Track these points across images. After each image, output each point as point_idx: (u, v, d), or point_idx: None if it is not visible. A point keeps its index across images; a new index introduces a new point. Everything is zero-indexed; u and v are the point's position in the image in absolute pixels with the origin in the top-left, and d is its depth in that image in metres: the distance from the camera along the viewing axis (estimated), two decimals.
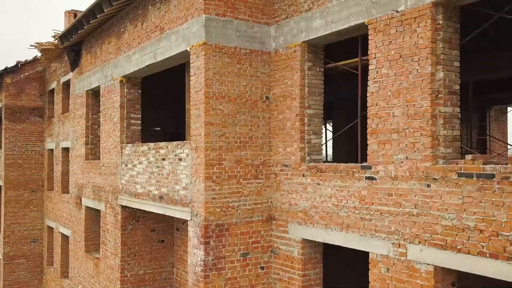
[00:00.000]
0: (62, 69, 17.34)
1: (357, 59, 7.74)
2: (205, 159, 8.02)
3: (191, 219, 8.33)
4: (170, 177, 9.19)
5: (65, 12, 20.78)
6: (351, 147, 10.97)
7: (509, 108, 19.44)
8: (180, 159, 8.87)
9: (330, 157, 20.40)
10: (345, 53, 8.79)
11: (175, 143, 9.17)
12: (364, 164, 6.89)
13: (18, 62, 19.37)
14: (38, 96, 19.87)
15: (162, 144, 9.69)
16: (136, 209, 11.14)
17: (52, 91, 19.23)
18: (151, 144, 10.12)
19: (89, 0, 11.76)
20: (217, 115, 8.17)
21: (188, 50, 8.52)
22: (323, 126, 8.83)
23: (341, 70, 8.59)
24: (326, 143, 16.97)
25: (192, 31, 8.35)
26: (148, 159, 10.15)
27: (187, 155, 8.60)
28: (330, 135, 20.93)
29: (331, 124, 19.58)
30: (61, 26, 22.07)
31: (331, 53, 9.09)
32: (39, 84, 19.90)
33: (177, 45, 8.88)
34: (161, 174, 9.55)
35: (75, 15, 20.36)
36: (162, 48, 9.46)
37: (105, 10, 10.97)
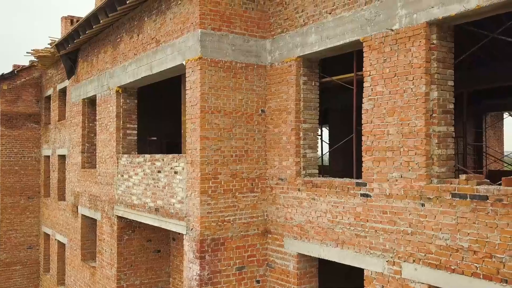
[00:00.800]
0: (59, 76, 17.32)
1: (352, 74, 7.75)
2: (200, 173, 8.02)
3: (187, 233, 8.33)
4: (166, 190, 9.19)
5: (61, 18, 20.76)
6: (348, 153, 10.95)
7: (505, 114, 19.49)
8: (175, 172, 8.87)
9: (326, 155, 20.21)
10: (341, 65, 8.83)
11: (170, 156, 9.18)
12: (359, 181, 6.90)
13: (14, 69, 19.35)
14: (34, 102, 19.85)
15: (157, 156, 9.69)
16: (132, 220, 11.13)
17: (48, 97, 19.21)
18: (147, 156, 10.12)
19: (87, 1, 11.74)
20: (213, 129, 8.18)
21: (184, 63, 8.52)
22: (318, 129, 8.88)
23: (336, 83, 8.60)
24: (322, 144, 16.97)
25: (188, 45, 8.36)
26: (144, 170, 10.15)
27: (183, 169, 8.60)
28: (325, 136, 20.95)
29: (327, 128, 19.64)
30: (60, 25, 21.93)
31: (327, 65, 9.12)
32: (35, 90, 19.88)
33: (173, 58, 8.88)
34: (157, 186, 9.55)
35: (71, 21, 20.39)
36: (158, 60, 9.47)
37: (101, 21, 10.96)
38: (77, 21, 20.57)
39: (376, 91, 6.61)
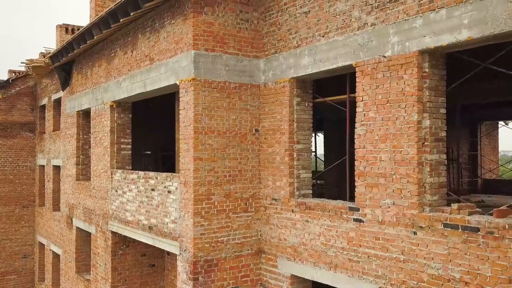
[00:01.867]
0: (53, 86, 17.28)
1: (345, 96, 7.75)
2: (193, 194, 8.01)
3: (180, 254, 8.31)
4: (160, 209, 9.17)
5: (56, 26, 20.72)
6: (342, 155, 10.92)
7: (500, 123, 19.54)
8: (169, 192, 8.86)
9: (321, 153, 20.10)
10: (335, 83, 8.83)
11: (164, 174, 9.16)
12: (352, 205, 6.90)
13: (9, 78, 19.30)
14: (29, 111, 19.81)
15: (151, 174, 9.67)
16: (127, 235, 11.10)
17: (43, 107, 19.16)
18: (141, 173, 10.10)
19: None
20: (206, 150, 8.17)
21: (178, 83, 8.51)
22: (312, 135, 8.89)
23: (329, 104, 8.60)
24: (316, 148, 17.00)
25: (181, 66, 8.34)
26: (138, 187, 10.13)
27: (176, 188, 8.58)
28: (319, 141, 20.92)
29: (322, 135, 19.64)
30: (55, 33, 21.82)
31: (321, 83, 9.12)
32: (30, 99, 19.83)
33: (167, 78, 8.87)
34: (151, 204, 9.53)
35: (66, 30, 20.38)
36: (151, 78, 9.45)
37: (95, 37, 10.94)
38: (72, 29, 20.58)
39: (368, 117, 6.61)
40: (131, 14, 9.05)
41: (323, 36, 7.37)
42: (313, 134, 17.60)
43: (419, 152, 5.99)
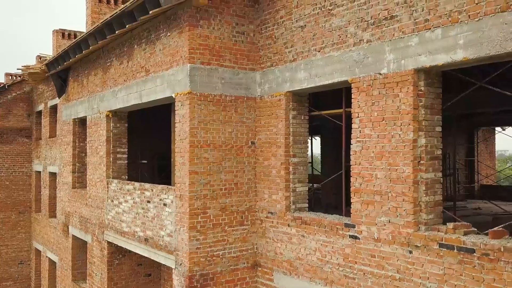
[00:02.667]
0: (50, 93, 17.22)
1: (341, 110, 7.74)
2: (189, 208, 7.98)
3: (176, 267, 8.28)
4: (155, 221, 9.14)
5: (53, 32, 20.70)
6: (338, 161, 10.89)
7: (497, 129, 19.55)
8: (165, 204, 8.83)
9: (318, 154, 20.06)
10: (331, 96, 8.82)
11: (159, 187, 9.13)
12: (347, 222, 6.88)
13: (5, 83, 19.23)
14: (25, 116, 19.75)
15: (147, 186, 9.63)
16: (122, 246, 11.07)
17: (39, 112, 19.11)
18: (137, 184, 10.06)
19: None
20: (202, 164, 8.14)
21: (173, 96, 8.48)
22: (309, 140, 8.87)
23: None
24: (312, 152, 16.94)
25: (177, 79, 8.31)
26: (133, 198, 10.10)
27: (172, 202, 8.55)
28: (316, 144, 20.92)
29: (320, 138, 19.59)
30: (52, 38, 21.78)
31: (318, 95, 9.11)
32: (26, 105, 19.78)
33: (162, 90, 8.83)
34: (146, 216, 9.50)
35: (62, 35, 20.36)
36: (147, 90, 9.41)
37: (90, 47, 10.90)
38: (69, 34, 20.55)
39: (364, 134, 6.59)
40: (127, 26, 9.01)
41: (319, 51, 7.35)
42: (310, 138, 17.59)
43: (414, 171, 5.97)
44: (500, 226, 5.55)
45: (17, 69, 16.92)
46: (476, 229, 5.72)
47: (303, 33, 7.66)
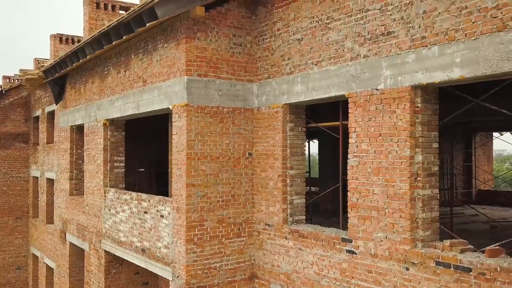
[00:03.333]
0: (47, 98, 17.19)
1: (338, 123, 7.73)
2: (186, 221, 7.96)
3: (173, 279, 8.27)
4: (152, 232, 9.12)
5: (50, 36, 20.67)
6: (336, 165, 10.88)
7: (494, 134, 19.57)
8: (162, 216, 8.81)
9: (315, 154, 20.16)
10: (329, 106, 8.81)
11: (157, 198, 9.11)
12: (344, 236, 6.88)
13: (2, 88, 19.18)
14: (23, 122, 19.72)
15: (144, 196, 9.61)
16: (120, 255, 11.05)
17: (37, 118, 19.06)
18: (134, 194, 10.04)
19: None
20: (199, 176, 8.12)
21: (171, 108, 8.47)
22: (306, 143, 8.90)
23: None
24: (309, 156, 16.94)
25: (174, 90, 8.30)
26: (130, 208, 10.08)
27: (169, 213, 8.54)
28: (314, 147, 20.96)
29: (317, 141, 19.56)
30: (58, 27, 21.79)
31: (315, 106, 9.09)
32: (24, 110, 19.74)
33: (160, 101, 8.82)
34: (143, 227, 9.48)
35: (60, 39, 20.32)
36: (144, 100, 9.40)
37: (87, 56, 10.88)
38: (66, 39, 20.51)
39: (361, 149, 6.59)
40: (124, 37, 8.99)
41: (316, 65, 7.35)
42: (308, 141, 17.57)
43: (411, 188, 5.97)
44: (497, 244, 5.54)
45: (15, 74, 16.88)
46: (472, 247, 5.72)
47: (300, 46, 7.65)
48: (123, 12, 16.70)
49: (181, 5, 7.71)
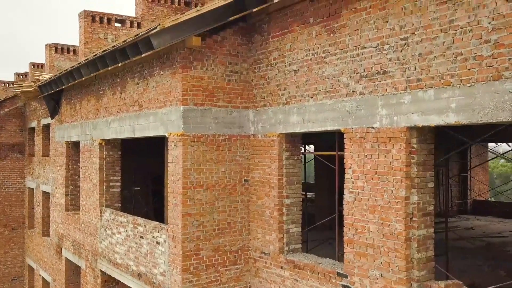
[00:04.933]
0: (42, 111, 17.12)
1: (334, 153, 7.74)
2: (182, 251, 7.96)
3: None
4: (148, 258, 9.12)
5: (45, 46, 20.61)
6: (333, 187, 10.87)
7: (490, 144, 19.62)
8: (158, 243, 8.81)
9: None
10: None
11: (152, 224, 9.10)
12: (340, 271, 6.89)
13: None
14: (18, 132, 19.64)
15: (140, 221, 9.61)
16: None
17: (32, 129, 18.99)
18: (130, 218, 10.03)
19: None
20: (195, 205, 8.12)
21: (166, 135, 8.46)
22: (302, 148, 8.93)
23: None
24: (305, 160, 16.94)
25: (170, 119, 8.29)
26: (126, 231, 10.07)
27: (165, 241, 8.54)
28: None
29: (313, 147, 19.53)
30: (56, 27, 21.70)
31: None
32: (19, 120, 19.67)
33: (156, 128, 8.81)
34: (140, 251, 9.48)
35: (55, 49, 20.29)
36: (140, 125, 9.38)
37: (83, 77, 10.85)
38: (62, 48, 20.45)
39: (357, 185, 6.60)
40: (120, 64, 8.96)
41: (312, 97, 7.35)
42: (303, 146, 17.51)
43: (407, 228, 5.99)
44: (493, 287, 5.58)
45: (10, 87, 16.80)
46: None
47: (296, 78, 7.65)
48: (119, 24, 16.69)
49: (176, 35, 7.69)
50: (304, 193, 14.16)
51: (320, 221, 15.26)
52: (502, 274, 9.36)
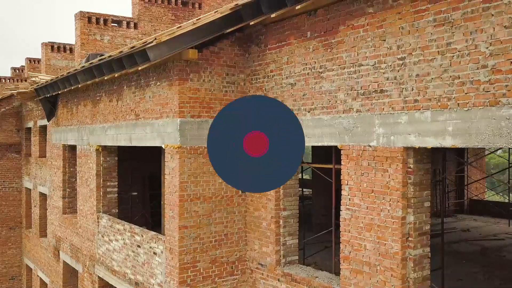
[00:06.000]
0: (39, 112, 17.05)
1: (331, 166, 7.74)
2: (179, 263, 7.98)
3: None
4: (145, 268, 9.14)
5: (42, 44, 20.51)
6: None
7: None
8: (155, 253, 8.82)
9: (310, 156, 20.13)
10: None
11: (150, 234, 9.11)
12: (336, 287, 6.91)
13: None
14: (15, 132, 19.58)
15: (137, 230, 9.61)
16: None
17: (29, 129, 18.93)
18: (127, 226, 10.03)
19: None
20: (192, 217, 8.12)
21: (163, 147, 8.44)
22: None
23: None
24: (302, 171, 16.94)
25: (167, 131, 8.26)
26: (124, 239, 10.08)
27: (162, 252, 8.55)
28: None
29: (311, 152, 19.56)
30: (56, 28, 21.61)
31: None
32: (16, 120, 19.60)
33: (152, 138, 8.78)
34: (137, 260, 9.49)
35: (52, 48, 20.16)
36: (137, 134, 9.35)
37: (80, 84, 10.79)
38: (58, 47, 20.34)
39: (353, 202, 6.60)
40: (116, 75, 8.91)
41: (309, 112, 7.33)
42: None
43: (403, 248, 6.00)
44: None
45: (6, 88, 16.72)
46: None
47: (293, 91, 7.62)
48: (116, 25, 16.56)
49: (173, 47, 7.64)
50: (300, 188, 14.20)
51: (316, 222, 15.37)
52: (497, 284, 9.39)
